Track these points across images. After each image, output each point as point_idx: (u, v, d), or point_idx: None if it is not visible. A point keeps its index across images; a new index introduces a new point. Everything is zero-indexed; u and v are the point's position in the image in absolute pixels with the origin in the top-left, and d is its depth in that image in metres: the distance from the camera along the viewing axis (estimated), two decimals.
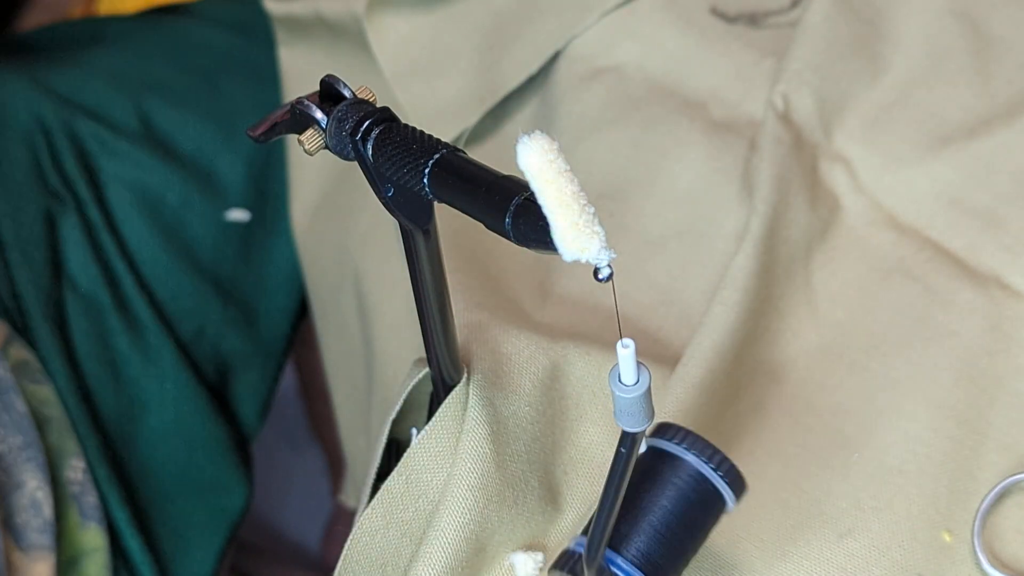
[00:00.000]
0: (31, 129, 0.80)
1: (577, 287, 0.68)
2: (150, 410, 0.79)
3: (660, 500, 0.51)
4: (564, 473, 0.60)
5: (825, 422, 0.61)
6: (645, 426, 0.44)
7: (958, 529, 0.57)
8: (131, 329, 0.80)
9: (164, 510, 0.79)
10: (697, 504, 0.52)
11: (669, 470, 0.52)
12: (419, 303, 0.52)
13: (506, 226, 0.41)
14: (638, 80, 0.75)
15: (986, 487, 0.58)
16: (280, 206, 0.86)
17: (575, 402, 0.61)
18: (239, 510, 0.83)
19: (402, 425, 0.60)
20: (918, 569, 0.56)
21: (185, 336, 0.82)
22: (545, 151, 0.39)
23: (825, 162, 0.69)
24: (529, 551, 0.57)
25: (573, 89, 0.75)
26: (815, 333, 0.64)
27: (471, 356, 0.58)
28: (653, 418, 0.45)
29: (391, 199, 0.47)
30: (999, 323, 0.63)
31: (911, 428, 0.60)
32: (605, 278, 0.40)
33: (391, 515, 0.57)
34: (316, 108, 0.49)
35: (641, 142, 0.72)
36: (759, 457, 0.60)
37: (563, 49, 0.76)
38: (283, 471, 1.13)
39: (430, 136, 0.46)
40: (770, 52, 0.74)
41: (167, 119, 0.85)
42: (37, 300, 0.76)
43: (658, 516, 0.51)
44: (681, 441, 0.52)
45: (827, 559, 0.57)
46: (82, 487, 0.73)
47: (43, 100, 0.81)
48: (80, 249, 0.79)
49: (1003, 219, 0.66)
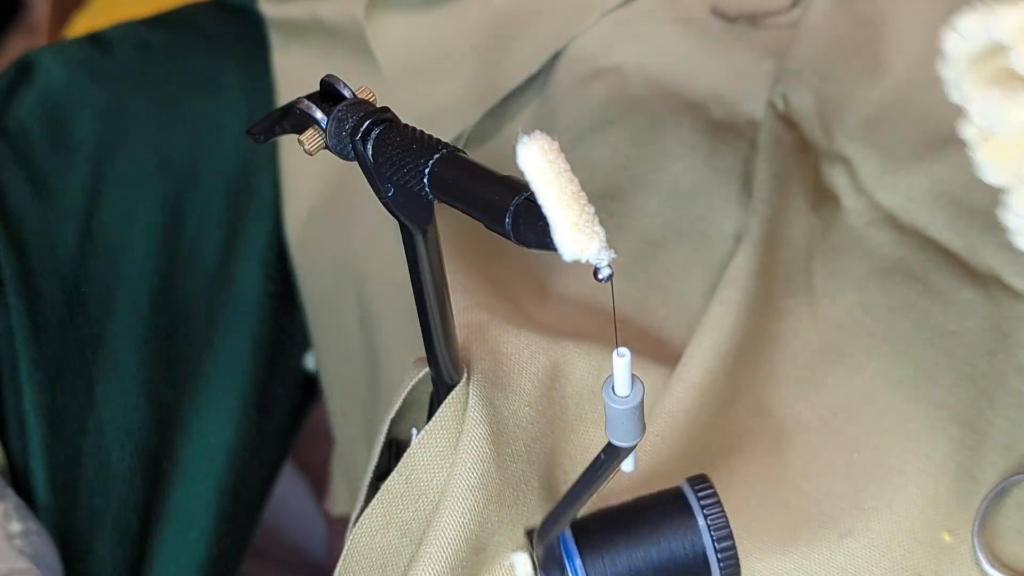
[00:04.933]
0: None
1: (577, 287, 0.68)
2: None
3: (650, 542, 0.51)
4: (564, 473, 0.60)
5: (826, 422, 0.61)
6: (636, 441, 0.44)
7: (958, 529, 0.57)
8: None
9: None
10: (682, 568, 0.51)
11: (678, 520, 0.51)
12: (419, 303, 0.52)
13: (506, 226, 0.41)
14: (638, 80, 0.75)
15: (986, 487, 0.58)
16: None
17: (575, 402, 0.61)
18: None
19: (402, 425, 0.60)
20: (918, 569, 0.56)
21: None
22: (545, 151, 0.39)
23: (825, 162, 0.69)
24: (529, 551, 0.57)
25: (573, 89, 0.75)
26: (815, 333, 0.64)
27: (471, 356, 0.58)
28: (644, 433, 0.45)
29: (391, 199, 0.47)
30: (999, 323, 0.63)
31: (911, 428, 0.60)
32: (605, 278, 0.40)
33: (391, 515, 0.57)
34: (316, 108, 0.49)
35: (641, 142, 0.72)
36: (759, 457, 0.60)
37: (563, 49, 0.76)
38: (283, 471, 1.13)
39: (430, 136, 0.46)
40: (770, 52, 0.74)
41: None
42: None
43: (640, 556, 0.51)
44: (705, 502, 0.51)
45: (827, 559, 0.57)
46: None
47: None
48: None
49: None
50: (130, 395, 0.76)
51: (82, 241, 0.78)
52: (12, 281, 0.73)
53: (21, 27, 1.35)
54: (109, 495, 0.74)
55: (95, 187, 0.79)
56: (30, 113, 0.80)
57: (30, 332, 0.73)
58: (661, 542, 0.51)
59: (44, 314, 0.74)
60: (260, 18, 0.90)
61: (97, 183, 0.79)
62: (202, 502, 0.78)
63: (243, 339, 0.82)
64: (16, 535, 0.68)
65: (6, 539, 0.67)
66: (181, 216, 0.81)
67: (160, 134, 0.82)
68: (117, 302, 0.77)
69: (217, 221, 0.82)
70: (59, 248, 0.77)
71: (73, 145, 0.80)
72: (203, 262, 0.81)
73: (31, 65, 0.83)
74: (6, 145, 0.78)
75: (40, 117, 0.80)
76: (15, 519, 0.68)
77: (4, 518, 0.68)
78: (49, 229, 0.77)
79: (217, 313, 0.81)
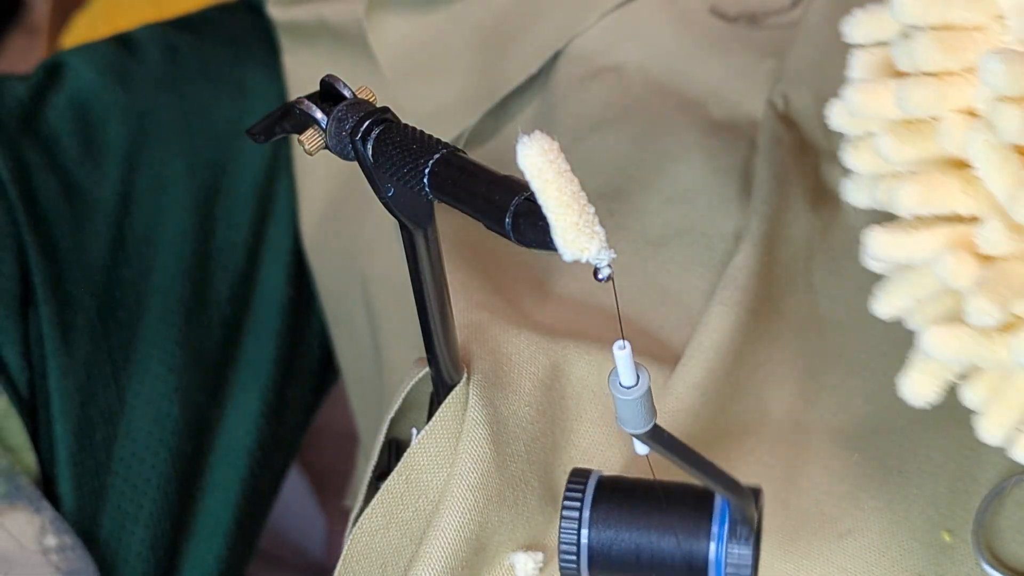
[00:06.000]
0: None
1: (577, 287, 0.68)
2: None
3: (653, 527, 0.50)
4: (564, 473, 0.60)
5: (826, 422, 0.61)
6: (648, 427, 0.44)
7: (958, 529, 0.57)
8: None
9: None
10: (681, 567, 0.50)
11: (688, 510, 0.50)
12: (419, 303, 0.52)
13: (506, 226, 0.41)
14: (638, 80, 0.75)
15: (986, 487, 0.58)
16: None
17: (575, 402, 0.61)
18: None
19: (402, 425, 0.60)
20: (918, 569, 0.56)
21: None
22: (545, 151, 0.39)
23: (825, 162, 0.69)
24: (529, 551, 0.58)
25: (573, 89, 0.75)
26: (815, 333, 0.64)
27: (471, 356, 0.59)
28: (655, 418, 0.45)
29: (391, 199, 0.47)
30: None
31: (911, 428, 0.60)
32: (605, 278, 0.40)
33: (391, 515, 0.57)
34: (316, 108, 0.49)
35: (641, 142, 0.72)
36: (760, 456, 0.60)
37: (563, 49, 0.76)
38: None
39: (430, 136, 0.46)
40: (770, 52, 0.74)
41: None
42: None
43: (646, 540, 0.50)
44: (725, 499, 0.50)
45: (827, 559, 0.57)
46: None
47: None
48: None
49: None
50: (162, 402, 0.76)
51: (113, 248, 0.78)
52: (43, 287, 0.73)
53: (21, 27, 1.36)
54: (141, 502, 0.74)
55: (126, 193, 0.79)
56: (60, 117, 0.80)
57: (60, 339, 0.73)
58: (670, 536, 0.50)
59: (75, 321, 0.74)
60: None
61: (128, 189, 0.79)
62: (227, 506, 0.78)
63: (266, 343, 0.82)
64: (52, 550, 0.68)
65: (42, 554, 0.67)
66: (210, 221, 0.81)
67: (188, 139, 0.82)
68: (148, 309, 0.77)
69: (243, 226, 0.82)
70: (91, 254, 0.77)
71: (103, 150, 0.80)
72: (230, 267, 0.81)
73: (60, 67, 0.82)
74: (38, 150, 0.78)
75: (70, 121, 0.80)
76: (51, 533, 0.68)
77: (40, 532, 0.68)
78: (81, 235, 0.77)
79: (243, 317, 0.81)
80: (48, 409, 0.71)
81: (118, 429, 0.74)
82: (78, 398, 0.72)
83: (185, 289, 0.79)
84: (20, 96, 0.80)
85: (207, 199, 0.81)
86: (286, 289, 0.83)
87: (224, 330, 0.80)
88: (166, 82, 0.84)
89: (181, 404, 0.76)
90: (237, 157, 0.83)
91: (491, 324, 0.61)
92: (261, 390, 0.81)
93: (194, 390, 0.77)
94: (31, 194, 0.75)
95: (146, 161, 0.80)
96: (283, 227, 0.84)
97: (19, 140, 0.77)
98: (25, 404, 0.71)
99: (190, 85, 0.85)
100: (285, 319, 0.83)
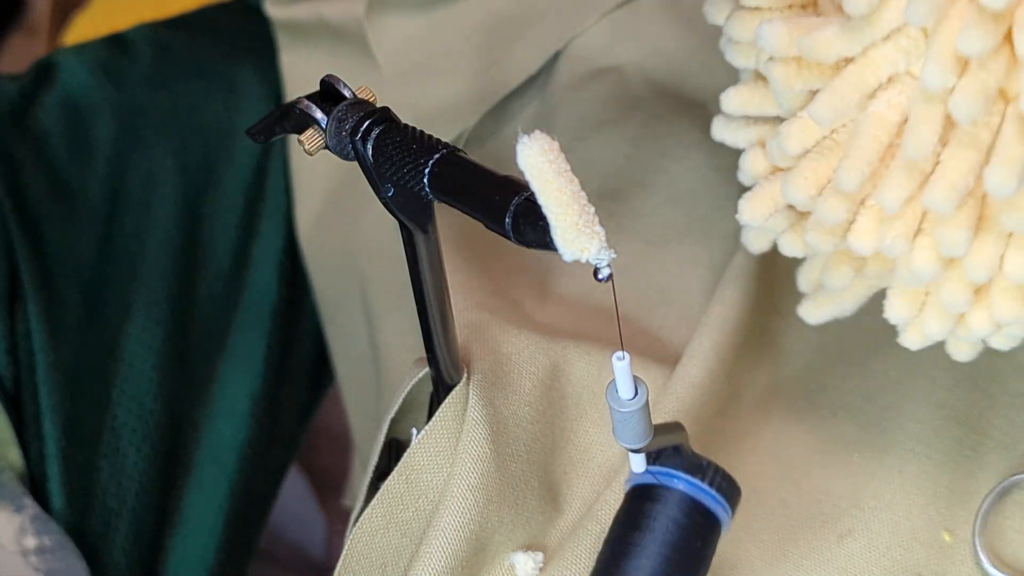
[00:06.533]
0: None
1: (577, 287, 0.68)
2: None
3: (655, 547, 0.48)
4: (564, 473, 0.60)
5: (825, 422, 0.61)
6: (646, 442, 0.44)
7: (958, 529, 0.57)
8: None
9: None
10: (694, 536, 0.48)
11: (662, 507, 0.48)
12: (419, 303, 0.52)
13: (506, 226, 0.41)
14: (638, 80, 0.75)
15: (986, 487, 0.58)
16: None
17: (575, 402, 0.61)
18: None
19: (402, 425, 0.60)
20: (918, 569, 0.56)
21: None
22: (545, 151, 0.39)
23: None
24: (529, 551, 0.58)
25: (573, 89, 0.75)
26: (815, 333, 0.64)
27: (471, 356, 0.58)
28: (653, 434, 0.44)
29: (391, 199, 0.47)
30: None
31: (911, 428, 0.60)
32: (605, 278, 0.40)
33: (391, 515, 0.57)
34: (316, 108, 0.49)
35: (641, 142, 0.72)
36: (759, 457, 0.60)
37: (563, 49, 0.76)
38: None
39: (430, 136, 0.46)
40: None
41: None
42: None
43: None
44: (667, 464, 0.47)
45: (827, 559, 0.57)
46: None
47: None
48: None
49: None
50: (146, 398, 0.76)
51: (101, 244, 0.78)
52: (31, 284, 0.73)
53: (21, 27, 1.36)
54: (124, 497, 0.74)
55: (114, 190, 0.79)
56: (51, 116, 0.80)
57: (48, 335, 0.73)
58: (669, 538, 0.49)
59: (62, 317, 0.74)
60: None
61: (116, 186, 0.79)
62: (214, 504, 0.78)
63: (256, 342, 0.82)
64: (31, 551, 0.68)
65: (21, 555, 0.67)
66: (198, 220, 0.81)
67: (177, 137, 0.82)
68: (135, 305, 0.77)
69: (233, 224, 0.82)
70: (78, 251, 0.77)
71: (92, 148, 0.80)
72: (219, 265, 0.81)
73: (52, 66, 0.83)
74: (27, 148, 0.78)
75: (60, 120, 0.80)
76: (31, 534, 0.68)
77: (19, 533, 0.68)
78: (69, 232, 0.77)
79: (231, 316, 0.81)
80: (36, 404, 0.72)
81: (103, 425, 0.74)
82: (66, 393, 0.72)
83: (172, 286, 0.79)
84: (10, 95, 0.80)
85: (196, 197, 0.81)
86: (277, 288, 0.83)
87: (212, 328, 0.80)
88: (157, 80, 0.84)
89: (164, 400, 0.76)
90: (227, 156, 0.83)
91: (491, 324, 0.61)
92: (250, 389, 0.81)
93: (179, 386, 0.77)
94: (20, 191, 0.76)
95: (136, 159, 0.80)
96: (274, 226, 0.84)
97: (8, 138, 0.77)
98: (10, 399, 0.71)
99: (181, 83, 0.85)
100: (276, 318, 0.83)
